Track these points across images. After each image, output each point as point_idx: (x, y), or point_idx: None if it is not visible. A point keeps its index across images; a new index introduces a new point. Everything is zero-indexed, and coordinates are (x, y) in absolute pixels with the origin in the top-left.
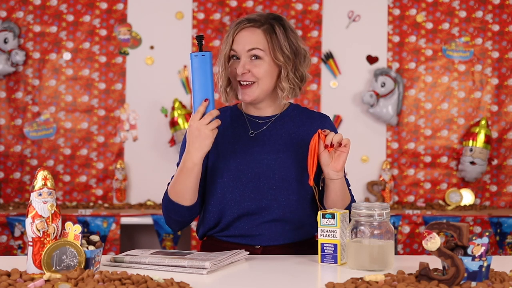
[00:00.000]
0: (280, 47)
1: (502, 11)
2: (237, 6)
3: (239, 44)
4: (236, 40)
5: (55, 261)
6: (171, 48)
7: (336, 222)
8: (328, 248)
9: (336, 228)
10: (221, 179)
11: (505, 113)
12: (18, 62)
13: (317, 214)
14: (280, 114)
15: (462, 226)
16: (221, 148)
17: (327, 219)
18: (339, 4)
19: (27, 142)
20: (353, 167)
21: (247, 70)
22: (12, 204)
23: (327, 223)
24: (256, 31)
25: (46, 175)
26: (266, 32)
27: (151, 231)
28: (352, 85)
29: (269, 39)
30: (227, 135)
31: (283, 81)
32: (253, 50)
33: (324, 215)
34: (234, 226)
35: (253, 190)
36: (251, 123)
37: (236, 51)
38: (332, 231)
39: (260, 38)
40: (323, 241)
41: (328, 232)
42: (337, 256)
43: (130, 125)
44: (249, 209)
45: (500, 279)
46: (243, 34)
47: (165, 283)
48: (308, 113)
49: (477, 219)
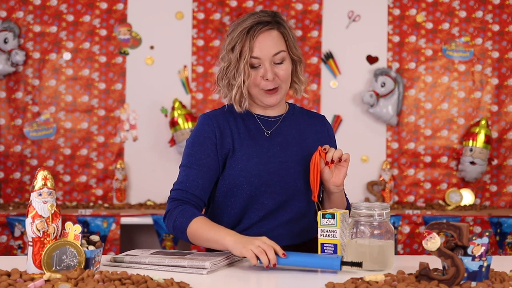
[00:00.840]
0: (293, 43)
1: (502, 11)
2: (237, 6)
3: (262, 51)
4: (259, 46)
5: (55, 261)
6: (171, 48)
7: (336, 222)
8: (328, 248)
9: (336, 228)
10: (245, 180)
11: (505, 113)
12: (18, 62)
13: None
14: (286, 113)
15: (462, 226)
16: (243, 151)
17: (327, 219)
18: (339, 4)
19: (27, 142)
20: (353, 167)
21: (274, 76)
22: (12, 204)
23: (327, 223)
24: (273, 33)
25: (46, 175)
26: (280, 31)
27: (151, 231)
28: (352, 85)
29: (286, 38)
30: (244, 137)
31: (300, 75)
32: (278, 54)
33: (324, 215)
34: (255, 226)
35: (277, 192)
36: (263, 123)
37: (260, 58)
38: (332, 231)
39: (279, 40)
40: (323, 241)
41: (328, 232)
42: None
43: (130, 125)
44: (256, 213)
45: (500, 279)
46: (262, 39)
47: (165, 283)
48: (306, 112)
49: (477, 219)
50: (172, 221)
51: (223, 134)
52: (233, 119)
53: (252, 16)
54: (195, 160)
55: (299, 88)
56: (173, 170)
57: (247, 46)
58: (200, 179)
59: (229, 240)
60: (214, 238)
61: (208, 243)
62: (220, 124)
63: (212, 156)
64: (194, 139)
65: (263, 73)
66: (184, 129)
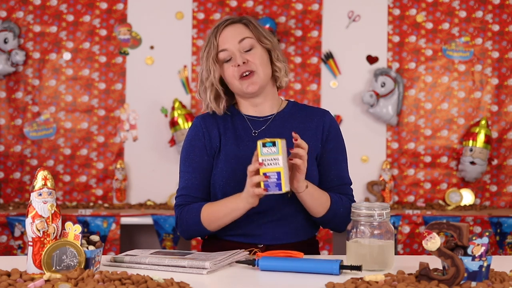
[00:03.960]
0: (262, 33)
1: (502, 11)
2: (237, 6)
3: (228, 40)
4: (223, 39)
5: (55, 261)
6: (171, 48)
7: (278, 150)
8: (272, 176)
9: (278, 156)
10: (226, 180)
11: (505, 113)
12: (18, 62)
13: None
14: (279, 112)
15: (462, 226)
16: (225, 151)
17: (267, 147)
18: (339, 4)
19: (27, 142)
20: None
21: (246, 60)
22: (12, 204)
23: (268, 152)
24: (236, 25)
25: (46, 175)
26: (245, 24)
27: (151, 231)
28: (352, 85)
29: (252, 29)
30: (229, 137)
31: (276, 62)
32: (244, 40)
33: (265, 144)
34: (239, 225)
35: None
36: (252, 123)
37: (226, 48)
38: (274, 159)
39: (243, 30)
40: (265, 170)
41: (270, 160)
42: (281, 184)
43: (130, 125)
44: (254, 209)
45: (500, 279)
46: (227, 32)
47: (165, 283)
48: (308, 110)
49: (477, 219)
50: (185, 223)
51: (211, 135)
52: (223, 120)
53: (223, 18)
54: (189, 163)
55: (280, 75)
56: (173, 170)
57: (213, 44)
58: (196, 180)
59: (241, 204)
60: (229, 210)
61: (227, 217)
62: (209, 125)
63: (204, 156)
64: (185, 144)
65: (234, 62)
66: (184, 129)
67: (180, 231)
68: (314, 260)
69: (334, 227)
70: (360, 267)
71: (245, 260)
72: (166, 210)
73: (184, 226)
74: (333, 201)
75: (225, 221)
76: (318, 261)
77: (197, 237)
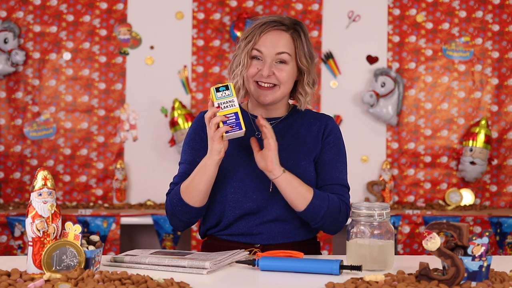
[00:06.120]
0: (304, 52)
1: (502, 11)
2: (237, 6)
3: (267, 46)
4: (263, 42)
5: (55, 261)
6: (171, 48)
7: (232, 92)
8: (231, 117)
9: (233, 97)
10: (224, 179)
11: (505, 113)
12: (18, 62)
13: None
14: (285, 116)
15: (462, 226)
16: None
17: (221, 92)
18: (339, 4)
19: (27, 142)
20: (353, 167)
21: (272, 72)
22: (12, 204)
23: (223, 96)
24: (284, 34)
25: (46, 175)
26: (293, 37)
27: (151, 231)
28: (352, 85)
29: (296, 44)
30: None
31: (305, 86)
32: (282, 54)
33: (218, 89)
34: (235, 225)
35: (255, 190)
36: (256, 124)
37: (262, 52)
38: (229, 101)
39: (288, 42)
40: (223, 113)
41: (226, 103)
42: (240, 123)
43: (130, 125)
44: (251, 209)
45: (500, 279)
46: (271, 36)
47: (165, 283)
48: (312, 114)
49: (477, 219)
50: (169, 206)
51: None
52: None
53: (274, 16)
54: (187, 156)
55: (303, 100)
56: (173, 170)
57: (254, 38)
58: (190, 171)
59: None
60: (200, 171)
61: (201, 181)
62: None
63: (201, 150)
64: (186, 137)
65: (260, 67)
66: (184, 129)
67: (169, 218)
68: (314, 260)
69: (321, 226)
70: (360, 267)
71: (245, 260)
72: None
73: (169, 210)
74: (316, 195)
75: (201, 188)
76: (318, 261)
77: (188, 226)
